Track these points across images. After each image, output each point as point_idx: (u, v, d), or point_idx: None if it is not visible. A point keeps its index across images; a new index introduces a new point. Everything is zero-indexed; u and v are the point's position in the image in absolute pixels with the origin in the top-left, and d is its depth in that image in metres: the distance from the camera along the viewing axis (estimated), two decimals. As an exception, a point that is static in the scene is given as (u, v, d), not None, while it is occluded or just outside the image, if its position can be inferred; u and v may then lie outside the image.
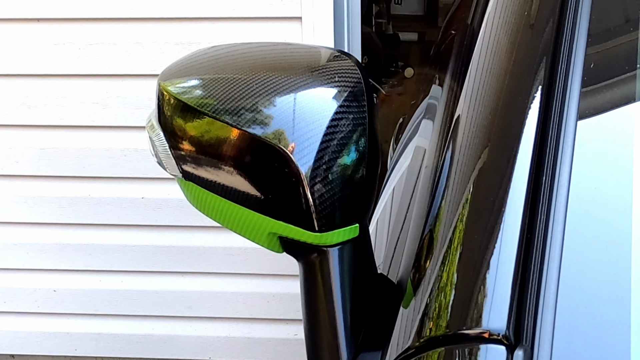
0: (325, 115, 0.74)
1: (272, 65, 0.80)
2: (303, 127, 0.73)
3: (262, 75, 0.77)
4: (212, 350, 2.44)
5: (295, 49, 0.89)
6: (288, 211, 0.76)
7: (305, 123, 0.74)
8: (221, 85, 0.77)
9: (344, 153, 0.75)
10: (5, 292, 2.40)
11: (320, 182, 0.74)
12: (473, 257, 0.67)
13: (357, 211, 0.78)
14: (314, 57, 0.86)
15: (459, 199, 0.76)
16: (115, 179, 2.16)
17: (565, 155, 0.67)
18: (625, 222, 0.63)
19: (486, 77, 0.89)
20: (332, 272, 0.79)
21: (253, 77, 0.77)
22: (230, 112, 0.74)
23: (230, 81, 0.77)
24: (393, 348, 0.70)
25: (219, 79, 0.78)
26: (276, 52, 0.85)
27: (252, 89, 0.75)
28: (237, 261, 2.27)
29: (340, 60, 0.81)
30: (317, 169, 0.73)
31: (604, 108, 0.75)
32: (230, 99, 0.75)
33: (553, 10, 0.82)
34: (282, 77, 0.76)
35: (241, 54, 0.85)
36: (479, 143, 0.79)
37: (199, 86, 0.79)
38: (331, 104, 0.75)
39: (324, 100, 0.76)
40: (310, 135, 0.73)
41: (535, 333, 0.56)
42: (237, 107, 0.75)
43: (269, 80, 0.76)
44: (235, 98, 0.75)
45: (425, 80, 1.79)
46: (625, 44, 0.80)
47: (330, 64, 0.81)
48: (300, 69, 0.78)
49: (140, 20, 1.98)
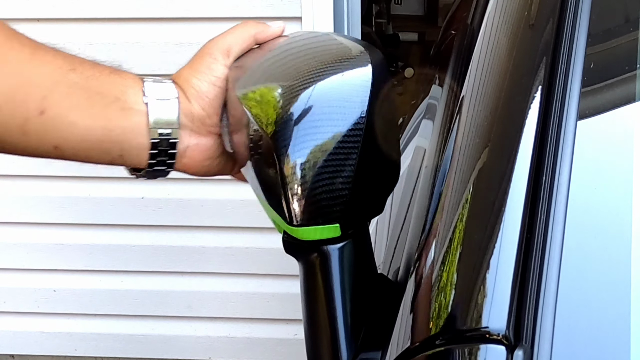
0: (313, 110, 0.75)
1: (295, 64, 0.81)
2: (286, 117, 0.75)
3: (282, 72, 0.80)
4: (212, 350, 2.44)
5: (328, 44, 0.87)
6: (273, 197, 0.77)
7: (290, 113, 0.76)
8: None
9: (322, 151, 0.75)
10: (5, 292, 2.40)
11: (295, 173, 0.74)
12: (473, 257, 0.67)
13: (337, 211, 0.77)
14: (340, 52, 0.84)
15: (459, 199, 0.76)
16: (115, 179, 2.16)
17: (565, 155, 0.67)
18: (625, 222, 0.63)
19: (486, 77, 0.89)
20: (332, 272, 0.79)
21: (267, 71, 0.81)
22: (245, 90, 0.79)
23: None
24: (393, 348, 0.70)
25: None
26: (309, 47, 0.85)
27: (263, 76, 0.81)
28: (237, 261, 2.27)
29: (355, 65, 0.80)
30: (293, 159, 0.74)
31: (604, 108, 0.75)
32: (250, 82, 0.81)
33: (553, 10, 0.82)
34: (295, 74, 0.78)
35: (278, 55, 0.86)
36: (479, 143, 0.79)
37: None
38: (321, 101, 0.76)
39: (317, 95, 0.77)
40: (289, 125, 0.75)
41: (535, 333, 0.56)
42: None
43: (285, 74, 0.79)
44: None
45: (425, 80, 1.79)
46: (625, 44, 0.80)
47: (344, 64, 0.80)
48: (317, 62, 0.79)
49: (140, 20, 1.98)
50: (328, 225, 0.77)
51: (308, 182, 0.74)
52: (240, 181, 0.91)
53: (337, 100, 0.76)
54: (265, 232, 2.18)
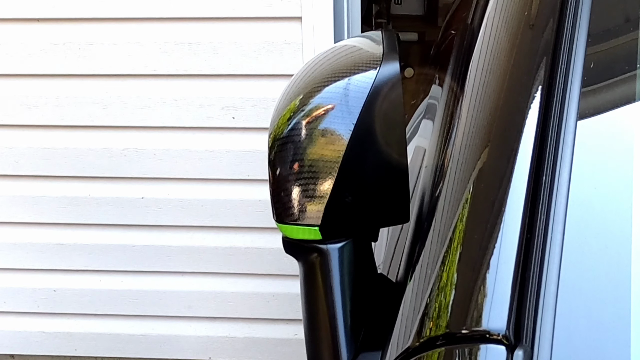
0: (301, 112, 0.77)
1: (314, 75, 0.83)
2: (275, 114, 0.80)
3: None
4: (212, 350, 2.44)
5: (345, 52, 0.87)
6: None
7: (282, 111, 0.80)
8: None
9: (303, 153, 0.76)
10: (5, 292, 2.40)
11: (276, 172, 0.76)
12: (473, 257, 0.67)
13: (315, 215, 0.77)
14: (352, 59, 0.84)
15: (459, 199, 0.76)
16: (115, 179, 2.16)
17: (565, 155, 0.67)
18: (625, 222, 0.63)
19: (486, 77, 0.89)
20: (332, 272, 0.79)
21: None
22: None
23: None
24: (393, 348, 0.70)
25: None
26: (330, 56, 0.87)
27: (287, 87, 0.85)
28: (237, 261, 2.27)
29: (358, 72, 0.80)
30: (274, 156, 0.78)
31: (604, 108, 0.75)
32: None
33: (553, 10, 0.82)
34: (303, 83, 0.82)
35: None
36: (479, 143, 0.79)
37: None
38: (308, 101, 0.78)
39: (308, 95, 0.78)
40: (275, 124, 0.79)
41: (535, 333, 0.56)
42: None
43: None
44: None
45: (425, 80, 1.79)
46: (625, 44, 0.80)
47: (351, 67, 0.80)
48: (325, 70, 0.82)
49: (140, 20, 1.98)
50: (307, 227, 0.78)
51: (289, 182, 0.76)
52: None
53: (325, 109, 0.77)
54: (265, 232, 2.19)
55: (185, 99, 2.03)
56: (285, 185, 0.77)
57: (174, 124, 2.07)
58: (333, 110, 0.76)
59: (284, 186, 0.77)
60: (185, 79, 2.00)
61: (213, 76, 2.00)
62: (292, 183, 0.77)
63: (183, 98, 2.03)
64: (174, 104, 2.03)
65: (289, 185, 0.77)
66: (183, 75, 2.00)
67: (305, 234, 0.78)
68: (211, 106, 2.03)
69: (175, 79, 2.00)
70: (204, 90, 2.02)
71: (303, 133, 0.76)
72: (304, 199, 0.77)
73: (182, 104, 2.03)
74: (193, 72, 1.98)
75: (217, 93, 2.02)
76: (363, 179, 0.78)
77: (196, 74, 1.99)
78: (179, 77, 2.00)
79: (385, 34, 0.85)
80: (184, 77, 2.00)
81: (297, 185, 0.76)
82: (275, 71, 1.97)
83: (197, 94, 2.02)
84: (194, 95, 2.02)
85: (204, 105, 2.03)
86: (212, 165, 2.11)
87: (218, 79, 2.00)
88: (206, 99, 2.02)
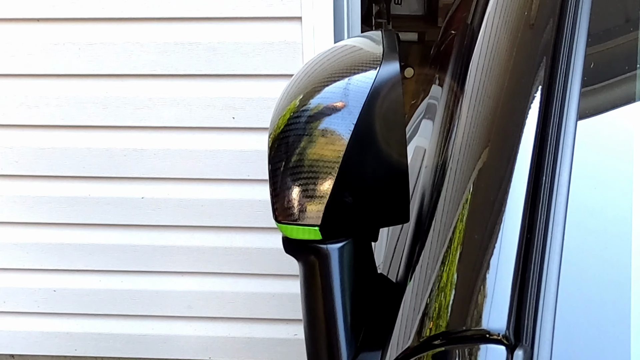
0: (299, 111, 0.78)
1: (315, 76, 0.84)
2: (275, 114, 0.80)
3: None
4: (212, 350, 2.44)
5: (346, 52, 0.87)
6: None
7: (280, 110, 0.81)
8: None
9: (303, 154, 0.77)
10: (5, 292, 2.40)
11: (276, 170, 0.77)
12: (473, 257, 0.67)
13: (316, 215, 0.78)
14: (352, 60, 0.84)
15: (459, 199, 0.76)
16: (115, 179, 2.16)
17: (565, 155, 0.67)
18: (625, 222, 0.63)
19: (486, 77, 0.89)
20: (332, 272, 0.79)
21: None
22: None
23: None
24: (393, 348, 0.70)
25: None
26: (332, 56, 0.87)
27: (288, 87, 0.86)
28: (237, 261, 2.27)
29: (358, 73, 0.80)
30: (274, 156, 0.78)
31: (604, 108, 0.75)
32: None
33: (553, 10, 0.82)
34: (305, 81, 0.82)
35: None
36: (479, 143, 0.79)
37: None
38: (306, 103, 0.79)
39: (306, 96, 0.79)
40: (275, 124, 0.79)
41: (535, 333, 0.56)
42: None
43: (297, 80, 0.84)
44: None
45: (425, 80, 1.79)
46: (625, 44, 0.80)
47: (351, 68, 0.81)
48: (325, 69, 0.82)
49: (140, 20, 1.98)
50: (307, 227, 0.78)
51: (289, 182, 0.76)
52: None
53: (325, 109, 0.77)
54: (265, 232, 2.19)
55: (185, 99, 2.03)
56: (285, 185, 0.77)
57: (174, 124, 2.07)
58: (333, 110, 0.77)
59: (284, 186, 0.77)
60: (185, 79, 2.00)
61: (213, 76, 2.00)
62: (292, 183, 0.77)
63: (183, 98, 2.03)
64: (174, 104, 2.03)
65: (289, 185, 0.77)
66: (183, 75, 2.00)
67: (305, 234, 0.78)
68: (211, 106, 2.03)
69: (175, 79, 2.00)
70: (204, 90, 2.02)
71: (303, 133, 0.76)
72: (304, 199, 0.77)
73: (182, 104, 2.03)
74: (193, 72, 1.98)
75: (217, 93, 2.02)
76: (363, 179, 0.78)
77: (196, 74, 1.99)
78: (179, 77, 2.00)
79: (385, 34, 0.85)
80: (184, 77, 2.00)
81: (297, 185, 0.76)
82: (275, 71, 1.97)
83: (197, 94, 2.02)
84: (194, 95, 2.02)
85: (204, 105, 2.03)
86: (212, 165, 2.11)
87: (218, 79, 2.00)
88: (206, 99, 2.03)
